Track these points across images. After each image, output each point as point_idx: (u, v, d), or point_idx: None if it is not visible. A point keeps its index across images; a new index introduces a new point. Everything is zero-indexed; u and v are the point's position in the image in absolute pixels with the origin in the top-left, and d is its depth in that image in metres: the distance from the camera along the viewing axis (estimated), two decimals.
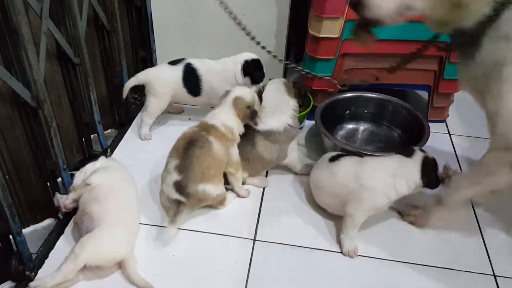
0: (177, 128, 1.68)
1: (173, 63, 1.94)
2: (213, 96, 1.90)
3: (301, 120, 1.92)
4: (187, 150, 1.50)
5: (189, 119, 2.10)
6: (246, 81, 1.88)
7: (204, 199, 1.54)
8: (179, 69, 1.92)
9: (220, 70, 1.91)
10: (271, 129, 1.65)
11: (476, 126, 2.14)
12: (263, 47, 1.85)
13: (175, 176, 1.48)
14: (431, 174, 1.47)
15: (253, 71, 1.88)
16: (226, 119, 1.59)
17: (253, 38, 1.81)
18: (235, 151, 1.62)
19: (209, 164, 1.51)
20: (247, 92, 1.64)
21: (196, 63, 1.94)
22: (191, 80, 1.92)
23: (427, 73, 2.02)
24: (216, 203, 1.62)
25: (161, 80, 1.91)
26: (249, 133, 1.67)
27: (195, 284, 1.39)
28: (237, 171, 1.64)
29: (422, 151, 1.51)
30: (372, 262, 1.48)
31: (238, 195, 1.70)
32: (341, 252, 1.50)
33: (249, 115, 1.61)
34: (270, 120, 1.67)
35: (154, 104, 1.93)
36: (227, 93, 1.65)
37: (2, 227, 1.30)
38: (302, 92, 1.89)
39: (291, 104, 1.71)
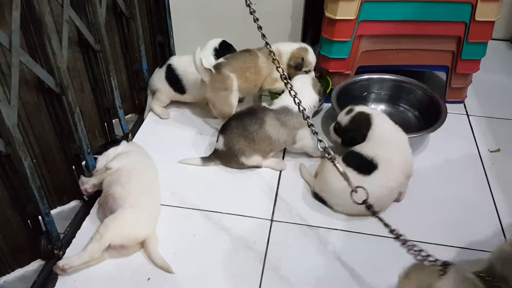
0: (196, 115, 1.86)
1: (160, 65, 2.04)
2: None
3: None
4: (238, 53, 1.88)
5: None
6: None
7: (222, 84, 1.79)
8: (162, 70, 2.00)
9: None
10: (286, 106, 1.68)
11: (495, 107, 2.12)
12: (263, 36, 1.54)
13: (221, 60, 1.83)
14: None
15: (226, 51, 1.94)
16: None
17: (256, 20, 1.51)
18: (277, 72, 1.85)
19: (249, 67, 1.83)
20: None
21: (175, 62, 1.99)
22: (173, 79, 1.97)
23: (445, 54, 1.99)
24: (216, 104, 1.83)
25: (153, 82, 2.03)
26: (259, 111, 1.70)
27: (214, 262, 1.43)
28: (271, 86, 1.89)
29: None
30: (386, 241, 1.50)
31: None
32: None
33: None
34: (288, 98, 1.68)
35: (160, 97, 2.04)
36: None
37: (32, 209, 1.36)
38: (319, 74, 1.93)
39: (313, 97, 1.73)
